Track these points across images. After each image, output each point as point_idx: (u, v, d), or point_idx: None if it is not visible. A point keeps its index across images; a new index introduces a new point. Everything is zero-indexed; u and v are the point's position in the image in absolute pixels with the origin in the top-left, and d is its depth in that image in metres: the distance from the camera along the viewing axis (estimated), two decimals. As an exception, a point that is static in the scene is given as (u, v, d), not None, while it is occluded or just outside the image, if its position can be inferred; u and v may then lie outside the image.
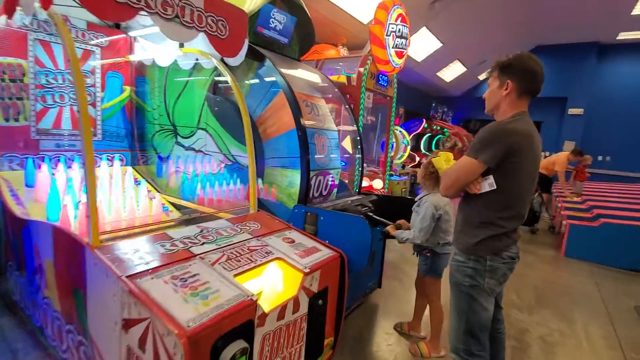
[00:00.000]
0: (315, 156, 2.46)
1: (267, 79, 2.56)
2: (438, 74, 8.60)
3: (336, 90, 2.91)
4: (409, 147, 7.80)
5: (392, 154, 7.05)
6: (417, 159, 9.10)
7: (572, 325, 2.79)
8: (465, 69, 9.03)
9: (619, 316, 3.01)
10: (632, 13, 6.74)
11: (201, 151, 2.74)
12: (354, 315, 2.60)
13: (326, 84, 2.94)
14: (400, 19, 3.23)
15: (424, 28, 5.99)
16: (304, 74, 2.89)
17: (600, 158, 9.14)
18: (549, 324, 2.78)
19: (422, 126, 9.31)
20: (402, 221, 2.33)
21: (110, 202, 2.21)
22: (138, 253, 1.47)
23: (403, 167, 7.59)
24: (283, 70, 2.49)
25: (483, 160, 1.39)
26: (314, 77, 2.96)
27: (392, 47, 3.19)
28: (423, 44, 6.60)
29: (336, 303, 1.94)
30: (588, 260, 4.26)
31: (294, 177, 2.35)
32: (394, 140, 7.21)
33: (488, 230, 1.45)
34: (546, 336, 2.60)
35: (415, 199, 2.21)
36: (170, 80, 2.91)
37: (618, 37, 8.37)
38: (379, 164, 5.65)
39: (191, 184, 2.78)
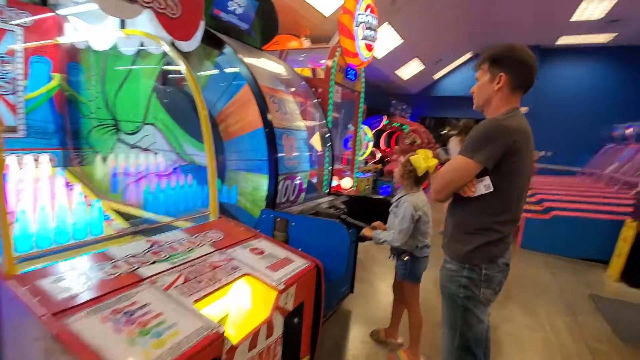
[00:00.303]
0: (284, 159, 2.24)
1: (229, 70, 2.28)
2: (396, 71, 8.69)
3: (303, 83, 2.70)
4: (371, 144, 7.80)
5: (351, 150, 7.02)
6: (378, 155, 9.18)
7: (538, 319, 2.86)
8: (424, 67, 9.23)
9: (577, 306, 3.16)
10: (571, 20, 7.27)
11: (149, 149, 2.39)
12: (327, 325, 2.43)
13: (293, 77, 2.72)
14: (369, 9, 3.09)
15: (386, 24, 5.95)
16: (269, 66, 2.64)
17: (542, 153, 9.84)
18: (517, 319, 2.82)
19: (382, 122, 9.40)
20: (377, 223, 2.20)
21: (35, 213, 1.81)
22: (68, 281, 1.16)
23: (365, 163, 7.57)
24: (247, 60, 2.23)
25: (479, 160, 1.27)
26: (280, 69, 2.72)
27: (361, 39, 3.05)
28: (384, 41, 6.58)
29: (312, 319, 1.75)
30: (542, 251, 4.49)
31: (260, 182, 2.12)
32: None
33: (483, 237, 1.33)
34: (517, 332, 2.63)
35: (393, 200, 2.08)
36: (110, 68, 2.51)
37: (557, 42, 9.03)
38: (343, 161, 5.53)
39: (138, 188, 2.42)
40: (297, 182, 2.45)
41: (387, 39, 6.71)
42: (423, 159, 1.93)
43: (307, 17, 4.54)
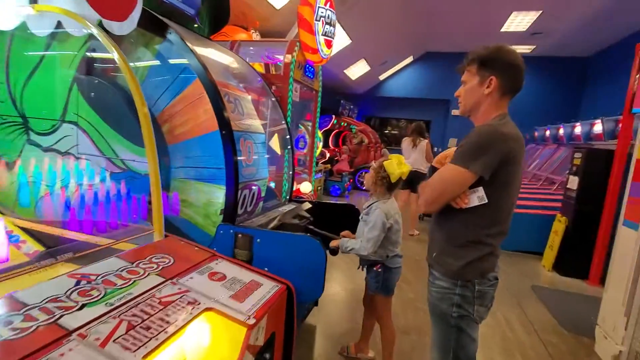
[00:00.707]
0: (242, 166, 1.98)
1: (175, 61, 1.95)
2: (345, 71, 8.72)
3: (260, 80, 2.44)
4: (321, 144, 7.72)
5: (306, 150, 6.86)
6: (328, 155, 9.15)
7: (493, 315, 2.96)
8: (369, 68, 9.39)
9: (522, 298, 3.35)
10: (501, 30, 7.93)
11: (70, 153, 1.96)
12: (292, 346, 2.22)
13: (248, 72, 2.44)
14: (328, 3, 2.93)
15: (337, 23, 5.87)
16: (222, 58, 2.34)
17: None
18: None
19: (331, 122, 9.39)
20: (346, 232, 2.05)
21: None
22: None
23: (316, 164, 7.45)
24: (198, 51, 1.92)
25: (475, 170, 1.16)
26: (234, 62, 2.43)
27: (322, 35, 2.87)
28: (335, 40, 6.50)
29: (283, 350, 1.54)
30: (486, 246, 4.77)
31: (215, 194, 1.83)
32: (307, 137, 7.04)
33: (476, 250, 1.24)
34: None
35: (363, 206, 1.95)
36: (16, 53, 2.01)
37: (488, 50, 9.85)
38: (295, 163, 5.34)
39: (56, 200, 1.98)
40: (255, 190, 2.19)
41: (337, 39, 6.65)
42: (397, 165, 1.82)
43: (257, 9, 4.25)
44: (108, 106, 1.88)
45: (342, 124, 10.14)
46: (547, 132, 8.18)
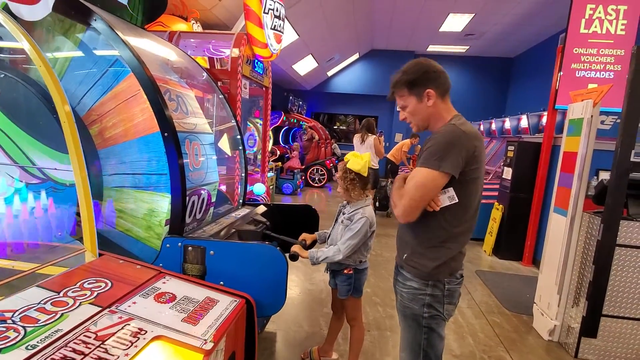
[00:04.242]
0: (188, 170, 1.81)
1: (102, 53, 1.70)
2: (293, 66, 8.60)
3: (205, 75, 2.25)
4: (271, 141, 7.53)
5: (256, 149, 6.64)
6: (278, 153, 8.99)
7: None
8: (317, 64, 9.37)
9: (468, 283, 3.57)
10: (439, 30, 8.38)
11: (-26, 164, 1.63)
12: (252, 357, 2.11)
13: (192, 67, 2.23)
14: (276, -4, 2.80)
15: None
16: (160, 51, 2.11)
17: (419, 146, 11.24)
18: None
19: (280, 119, 9.22)
20: (305, 235, 1.98)
21: None
22: None
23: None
24: (132, 42, 1.69)
25: (447, 170, 1.16)
26: (174, 55, 2.20)
27: (270, 28, 2.73)
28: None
29: (244, 367, 1.43)
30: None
31: (158, 202, 1.64)
32: (257, 135, 6.81)
33: (448, 251, 1.25)
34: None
35: (345, 211, 1.87)
36: None
37: (428, 49, 10.35)
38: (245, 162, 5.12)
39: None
40: (205, 196, 2.03)
41: (285, 34, 6.51)
42: (357, 159, 1.79)
43: (197, -1, 3.96)
44: (19, 105, 1.59)
45: (292, 120, 10.03)
46: (481, 126, 8.85)
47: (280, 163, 8.47)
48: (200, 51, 2.81)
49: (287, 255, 1.62)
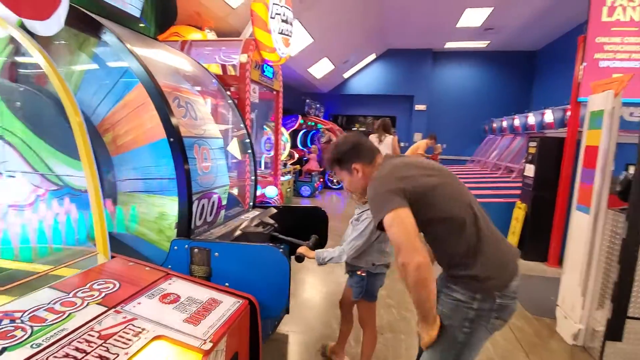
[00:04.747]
0: (197, 174, 1.86)
1: (113, 64, 1.78)
2: (309, 69, 8.65)
3: (214, 81, 2.31)
4: (288, 145, 7.60)
5: (273, 152, 6.72)
6: (296, 156, 9.05)
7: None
8: (333, 67, 9.38)
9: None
10: (457, 26, 8.19)
11: None
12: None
13: (201, 74, 2.30)
14: (284, 0, 2.83)
15: (296, 21, 5.77)
16: (171, 60, 2.19)
17: (444, 146, 10.99)
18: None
19: (298, 122, 9.29)
20: (314, 238, 1.98)
21: None
22: None
23: (285, 165, 7.34)
24: (140, 52, 1.76)
25: (400, 204, 1.15)
26: (185, 63, 2.28)
27: (278, 33, 2.77)
28: (296, 38, 6.41)
29: (249, 368, 1.45)
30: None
31: (167, 206, 1.70)
32: (273, 138, 6.90)
33: (485, 258, 1.19)
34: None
35: (356, 213, 1.87)
36: None
37: (445, 46, 10.14)
38: (260, 165, 5.18)
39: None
40: (215, 199, 2.07)
41: (299, 37, 6.56)
42: None
43: (211, 8, 4.07)
44: (38, 116, 1.69)
45: (309, 123, 10.08)
46: (504, 123, 8.56)
47: (298, 166, 8.53)
48: (212, 59, 2.89)
49: (291, 256, 1.64)
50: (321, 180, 8.68)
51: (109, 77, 1.79)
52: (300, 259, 1.77)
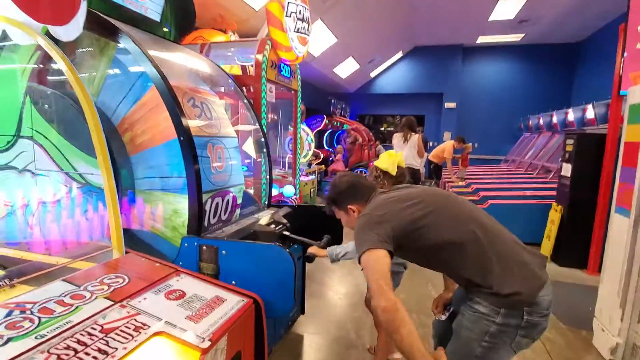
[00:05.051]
0: (211, 173, 1.88)
1: (131, 68, 1.85)
2: (334, 69, 8.62)
3: (231, 82, 2.34)
4: (313, 145, 7.61)
5: (292, 153, 6.74)
6: (322, 156, 9.05)
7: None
8: (359, 66, 9.29)
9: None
10: (489, 19, 7.82)
11: (29, 170, 1.86)
12: (277, 358, 2.12)
13: (218, 75, 2.34)
14: (300, -1, 2.83)
15: (319, 21, 5.77)
16: (188, 61, 2.24)
17: (476, 145, 10.56)
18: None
19: (323, 122, 9.28)
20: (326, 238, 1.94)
21: None
22: None
23: (309, 165, 7.35)
24: (154, 54, 1.82)
25: (376, 246, 1.12)
26: (202, 65, 2.33)
27: (294, 31, 2.77)
28: (319, 38, 6.40)
29: (254, 367, 1.44)
30: (482, 240, 4.66)
31: (181, 204, 1.73)
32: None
33: (502, 272, 1.11)
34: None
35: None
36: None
37: (477, 41, 9.73)
38: (284, 166, 5.21)
39: (16, 221, 1.88)
40: (230, 198, 2.10)
41: (322, 37, 6.55)
42: (387, 157, 1.82)
43: (234, 11, 4.15)
44: (63, 118, 1.79)
45: (335, 123, 10.04)
46: (541, 120, 8.07)
47: (324, 166, 8.51)
48: (233, 60, 2.93)
49: (297, 257, 1.62)
50: (346, 180, 8.59)
51: (128, 79, 1.86)
52: (310, 258, 1.75)
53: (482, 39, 9.54)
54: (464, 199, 1.37)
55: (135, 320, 1.13)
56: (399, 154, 1.87)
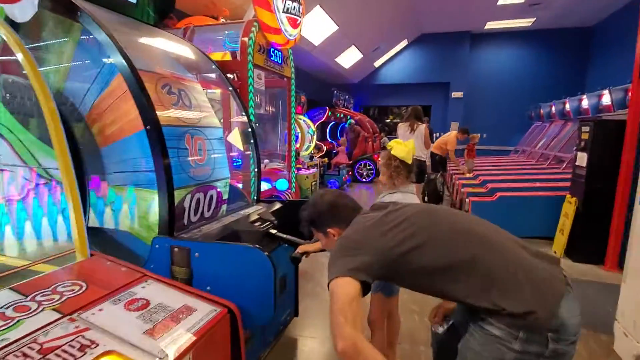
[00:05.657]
0: (190, 166, 1.72)
1: (97, 53, 1.68)
2: (337, 59, 8.36)
3: (213, 67, 2.16)
4: (315, 137, 7.41)
5: (298, 145, 6.54)
6: (325, 148, 8.85)
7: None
8: (362, 56, 9.01)
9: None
10: (498, 3, 7.47)
11: (-6, 166, 1.71)
12: (266, 366, 1.97)
13: (200, 60, 2.16)
14: (289, -25, 2.61)
15: (318, 7, 5.53)
16: (166, 46, 2.07)
17: (484, 136, 10.23)
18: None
19: (326, 114, 9.06)
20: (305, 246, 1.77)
21: None
22: None
23: (311, 158, 7.17)
24: (124, 38, 1.64)
25: (346, 274, 0.98)
26: (182, 50, 2.15)
27: (283, 12, 2.56)
28: (319, 26, 6.16)
29: (230, 384, 1.28)
30: (491, 233, 4.44)
31: (155, 200, 1.57)
32: (298, 130, 6.72)
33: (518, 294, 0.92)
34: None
35: (379, 199, 1.70)
36: None
37: (486, 27, 9.35)
38: (283, 159, 5.04)
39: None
40: (213, 193, 1.93)
41: (322, 25, 6.30)
42: (402, 146, 1.69)
43: (227, -2, 3.95)
44: (25, 108, 1.63)
45: (338, 115, 9.81)
46: (553, 108, 7.74)
47: (326, 159, 8.32)
48: (219, 46, 2.75)
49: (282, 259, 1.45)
50: (350, 173, 8.41)
51: (94, 64, 1.69)
52: (296, 260, 1.57)
53: (490, 25, 9.17)
54: (456, 210, 1.21)
55: (83, 337, 0.97)
56: (411, 141, 1.76)
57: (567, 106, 6.92)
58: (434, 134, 9.64)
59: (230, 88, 2.16)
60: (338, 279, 0.98)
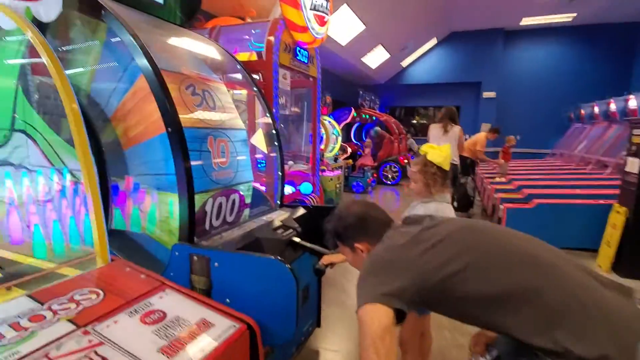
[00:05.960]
0: (212, 169, 1.66)
1: (122, 52, 1.65)
2: (363, 59, 8.21)
3: (239, 67, 2.10)
4: (339, 138, 7.30)
5: (322, 146, 6.44)
6: (349, 150, 8.71)
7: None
8: (389, 55, 8.81)
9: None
10: (534, -2, 7.09)
11: (23, 166, 1.73)
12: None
13: (225, 60, 2.11)
14: (317, -29, 2.53)
15: (345, 5, 5.42)
16: (191, 45, 2.03)
17: (518, 137, 9.72)
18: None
19: (351, 115, 8.93)
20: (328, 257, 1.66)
21: None
22: None
23: (335, 160, 7.06)
24: (149, 38, 1.61)
25: (373, 299, 0.88)
26: (208, 50, 2.11)
27: (310, 9, 2.48)
28: (346, 25, 6.05)
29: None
30: (527, 243, 4.16)
31: (177, 204, 1.52)
32: (322, 131, 6.62)
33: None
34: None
35: (410, 208, 1.62)
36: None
37: (521, 23, 8.89)
38: (308, 161, 4.96)
39: (13, 221, 1.76)
40: (236, 197, 1.87)
41: (349, 25, 6.19)
42: (438, 151, 1.57)
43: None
44: (52, 109, 1.62)
45: (364, 116, 9.64)
46: (596, 109, 7.23)
47: (351, 161, 8.19)
48: (246, 47, 2.70)
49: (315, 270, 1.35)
50: (375, 175, 8.22)
51: (119, 65, 1.67)
52: (319, 272, 1.47)
53: (526, 21, 8.70)
54: (504, 227, 1.04)
55: (96, 353, 0.92)
56: (447, 146, 1.64)
57: (612, 107, 6.43)
58: (464, 136, 9.28)
59: (255, 89, 2.10)
60: (368, 305, 0.87)
